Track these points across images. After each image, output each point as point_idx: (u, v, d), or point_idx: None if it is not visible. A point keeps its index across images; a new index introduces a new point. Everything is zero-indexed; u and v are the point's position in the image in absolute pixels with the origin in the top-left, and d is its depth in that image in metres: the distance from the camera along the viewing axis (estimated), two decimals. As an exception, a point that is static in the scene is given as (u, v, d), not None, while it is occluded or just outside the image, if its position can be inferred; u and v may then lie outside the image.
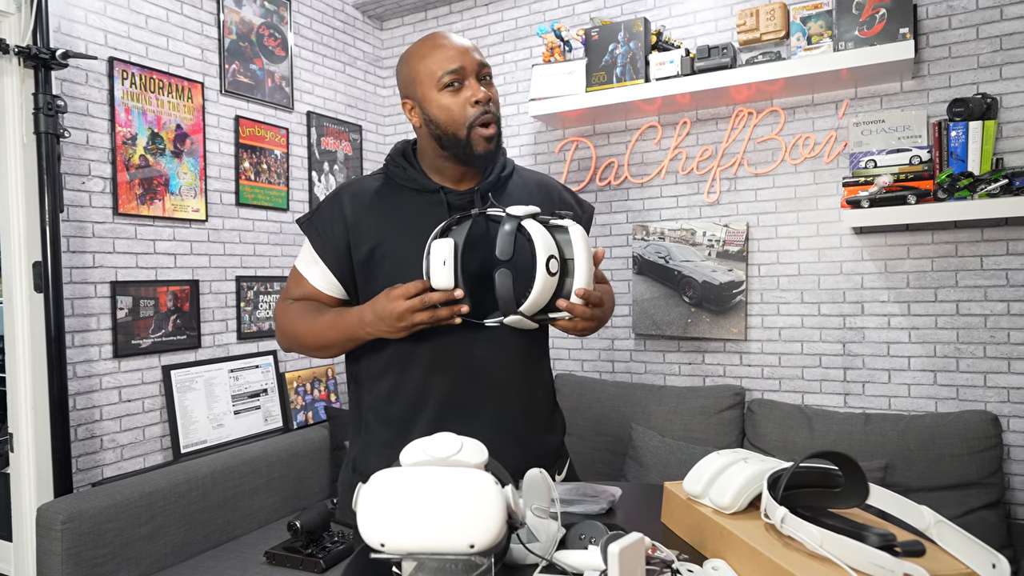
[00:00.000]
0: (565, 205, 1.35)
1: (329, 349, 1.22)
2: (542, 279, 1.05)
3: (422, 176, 1.23)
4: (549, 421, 1.34)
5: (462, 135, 1.16)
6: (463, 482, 0.70)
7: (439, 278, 1.06)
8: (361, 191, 1.24)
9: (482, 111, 1.15)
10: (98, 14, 2.00)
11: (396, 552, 0.69)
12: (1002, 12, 1.99)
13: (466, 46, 1.18)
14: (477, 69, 1.17)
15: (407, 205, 1.22)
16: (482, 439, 0.82)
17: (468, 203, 1.21)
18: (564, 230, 1.10)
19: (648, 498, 1.20)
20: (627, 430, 2.25)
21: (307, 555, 1.85)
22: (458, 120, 1.16)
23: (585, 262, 1.08)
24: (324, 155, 2.77)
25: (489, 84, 1.19)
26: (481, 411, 1.20)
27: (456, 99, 1.15)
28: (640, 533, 0.76)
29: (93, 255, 1.98)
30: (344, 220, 1.21)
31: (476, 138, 1.16)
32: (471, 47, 1.18)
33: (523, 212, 1.10)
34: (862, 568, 0.73)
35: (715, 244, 2.36)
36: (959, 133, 1.92)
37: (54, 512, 1.68)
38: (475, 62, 1.16)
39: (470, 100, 1.15)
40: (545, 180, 1.37)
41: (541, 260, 1.05)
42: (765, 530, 0.87)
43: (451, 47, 1.16)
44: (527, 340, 1.25)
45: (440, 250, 1.06)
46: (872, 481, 1.80)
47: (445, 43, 1.17)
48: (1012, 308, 1.99)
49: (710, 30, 2.39)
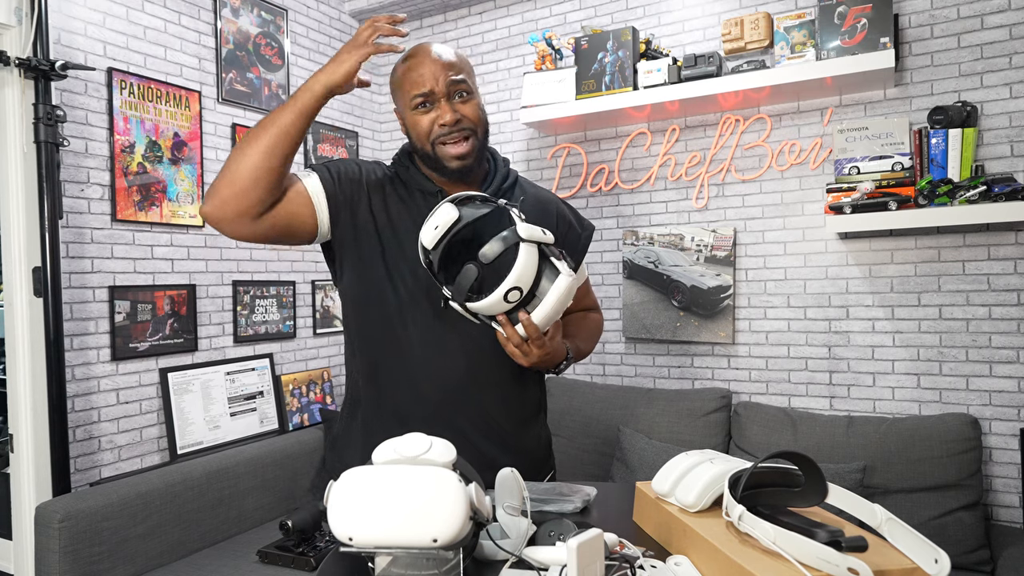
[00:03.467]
0: (564, 223, 1.35)
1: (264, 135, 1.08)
2: (495, 299, 1.07)
3: (423, 178, 1.26)
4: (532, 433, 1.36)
5: (429, 150, 1.21)
6: (428, 479, 0.74)
7: (425, 235, 1.09)
8: (374, 170, 1.28)
9: (447, 131, 1.19)
10: (97, 26, 2.05)
11: (363, 546, 0.73)
12: (983, 21, 2.02)
13: (442, 63, 1.19)
14: (447, 90, 1.18)
15: (408, 200, 1.26)
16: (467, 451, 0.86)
17: None
18: (555, 271, 1.10)
19: (624, 498, 1.23)
20: (615, 432, 2.29)
21: (298, 554, 1.89)
22: (423, 137, 1.20)
23: (550, 309, 1.08)
24: (320, 161, 2.82)
25: (465, 100, 1.21)
26: (467, 428, 1.23)
27: (425, 118, 1.20)
28: (599, 529, 0.79)
29: (92, 260, 2.03)
30: (359, 178, 1.24)
31: (443, 154, 1.20)
32: (446, 64, 1.19)
33: (528, 234, 1.07)
34: (810, 563, 0.77)
35: (703, 249, 2.40)
36: (939, 140, 1.95)
37: (52, 511, 1.72)
38: (445, 83, 1.18)
39: (436, 121, 1.19)
40: (546, 198, 1.38)
41: (504, 286, 1.06)
42: (725, 527, 0.91)
43: (424, 68, 1.18)
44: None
45: (441, 214, 1.08)
46: (851, 483, 1.84)
47: (420, 61, 1.19)
48: (994, 312, 2.02)
49: (698, 39, 2.43)
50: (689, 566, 0.89)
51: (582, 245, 1.38)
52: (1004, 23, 1.99)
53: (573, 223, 1.38)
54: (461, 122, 1.19)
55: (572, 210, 1.42)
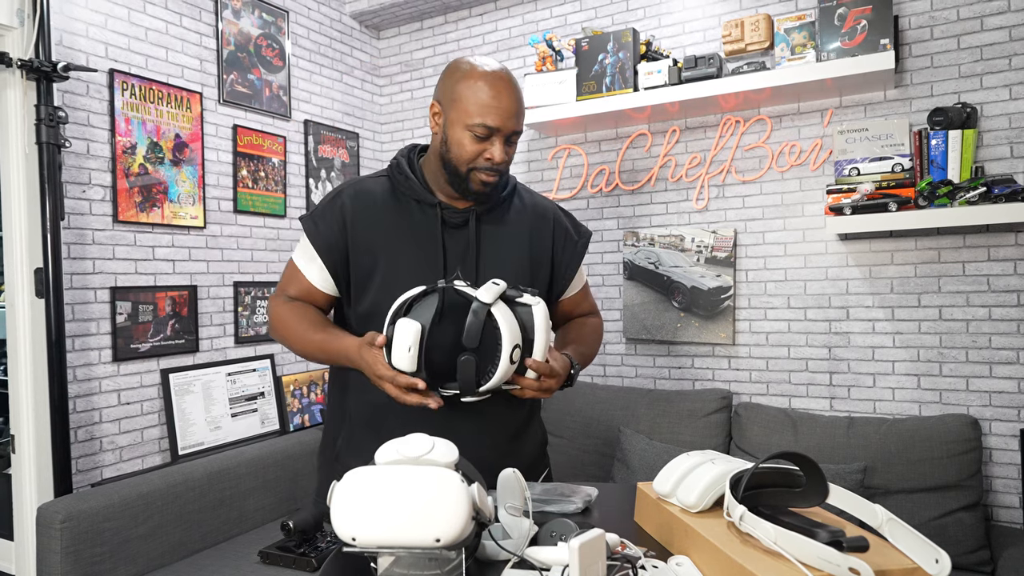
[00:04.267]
0: (561, 230, 1.37)
1: (315, 360, 1.29)
2: (504, 367, 1.07)
3: (423, 189, 1.27)
4: (528, 434, 1.37)
5: (462, 172, 1.21)
6: (431, 480, 0.74)
7: (401, 363, 1.06)
8: (362, 192, 1.28)
9: (489, 166, 1.21)
10: (99, 27, 2.06)
11: (367, 546, 0.73)
12: (982, 23, 2.03)
13: (514, 109, 1.20)
14: (509, 133, 1.21)
15: (405, 214, 1.26)
16: (464, 449, 0.86)
17: (463, 221, 1.26)
18: (528, 308, 1.11)
19: (625, 499, 1.24)
20: (616, 433, 2.29)
21: (300, 554, 1.89)
22: (464, 160, 1.21)
23: (543, 342, 1.11)
24: (321, 162, 2.82)
25: (513, 144, 1.24)
26: (461, 427, 1.24)
27: (474, 146, 1.19)
28: (600, 529, 0.80)
29: (93, 261, 2.03)
30: (343, 220, 1.24)
31: (474, 179, 1.22)
32: (519, 112, 1.21)
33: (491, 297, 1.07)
34: (811, 563, 0.77)
35: (703, 250, 2.40)
36: (939, 142, 1.96)
37: (53, 511, 1.72)
38: (511, 128, 1.20)
39: (484, 154, 1.20)
40: (543, 205, 1.39)
41: (506, 351, 1.06)
42: (727, 528, 0.91)
43: (499, 103, 1.17)
44: None
45: (404, 334, 1.04)
46: (852, 483, 1.84)
47: (497, 95, 1.17)
48: (994, 313, 2.02)
49: (698, 40, 2.44)
50: (691, 566, 0.90)
51: (579, 252, 1.40)
52: (1004, 24, 2.00)
53: (570, 230, 1.40)
54: (503, 163, 1.22)
55: (569, 216, 1.43)
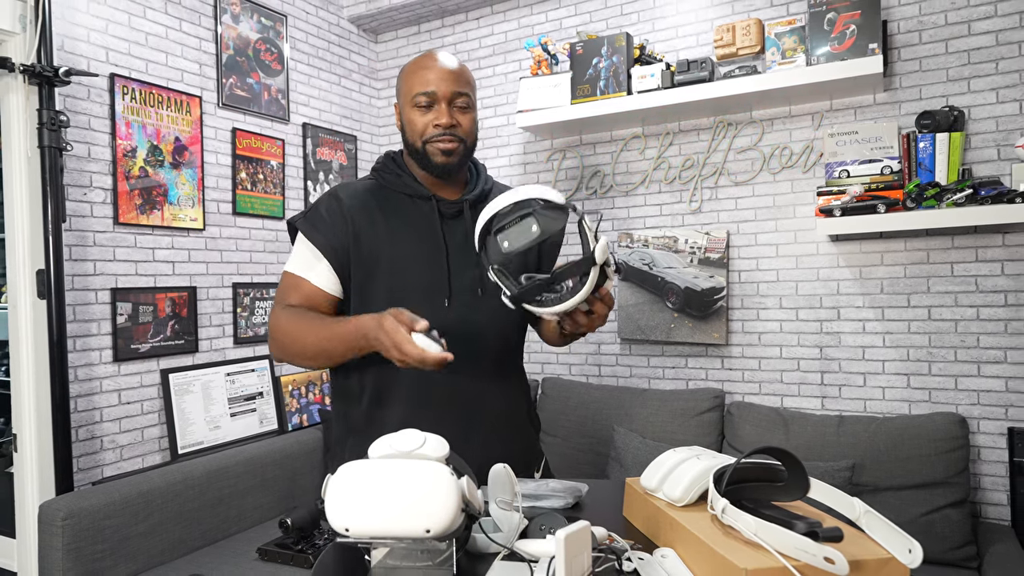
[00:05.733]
0: None
1: (328, 356, 1.20)
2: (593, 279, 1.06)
3: (415, 183, 1.30)
4: (525, 425, 1.41)
5: (419, 147, 1.25)
6: (421, 472, 0.77)
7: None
8: (356, 192, 1.30)
9: (441, 132, 1.23)
10: (100, 32, 2.09)
11: (359, 536, 0.76)
12: (970, 27, 2.06)
13: (448, 70, 1.24)
14: (451, 96, 1.24)
15: (401, 210, 1.29)
16: (459, 444, 0.89)
17: (458, 212, 1.29)
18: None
19: (616, 494, 1.26)
20: (610, 432, 2.32)
21: (298, 551, 1.92)
22: (417, 134, 1.25)
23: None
24: (319, 165, 2.85)
25: (464, 110, 1.26)
26: (465, 426, 1.27)
27: (422, 117, 1.24)
28: (586, 522, 0.83)
29: (94, 263, 2.06)
30: (344, 219, 1.26)
31: (431, 150, 1.25)
32: (454, 72, 1.24)
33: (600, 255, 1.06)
34: (789, 553, 0.80)
35: (697, 251, 2.43)
36: (927, 144, 1.99)
37: (55, 509, 1.75)
38: (450, 90, 1.23)
39: (432, 122, 1.23)
40: None
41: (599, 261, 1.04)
42: (710, 520, 0.94)
43: (433, 71, 1.24)
44: (505, 352, 1.34)
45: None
46: (840, 481, 1.87)
47: (430, 65, 1.25)
48: (981, 313, 2.05)
49: (691, 44, 2.47)
50: (675, 558, 0.93)
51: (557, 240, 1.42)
52: (991, 29, 2.03)
53: None
54: (455, 128, 1.24)
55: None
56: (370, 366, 1.25)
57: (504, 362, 1.34)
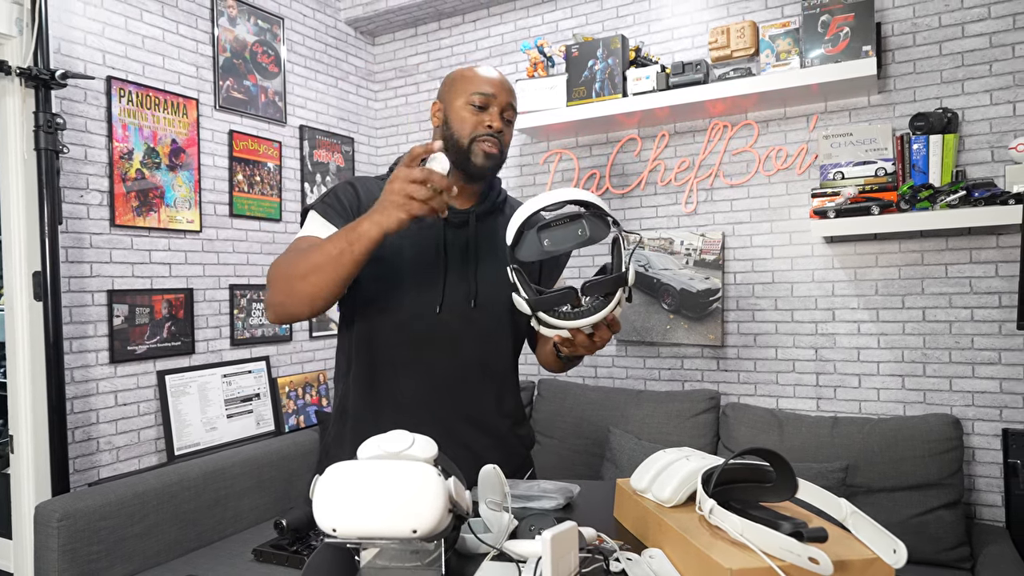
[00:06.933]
0: None
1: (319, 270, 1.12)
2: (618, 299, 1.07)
3: None
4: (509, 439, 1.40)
5: (465, 143, 1.27)
6: (408, 473, 0.78)
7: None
8: (370, 187, 1.32)
9: (489, 133, 1.27)
10: (96, 35, 2.09)
11: (346, 536, 0.77)
12: (963, 30, 2.07)
13: (505, 83, 1.31)
14: (504, 105, 1.29)
15: None
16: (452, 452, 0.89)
17: (464, 221, 1.31)
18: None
19: (608, 495, 1.27)
20: (606, 433, 2.32)
21: (293, 552, 1.92)
22: (466, 130, 1.27)
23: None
24: (316, 167, 2.86)
25: (509, 123, 1.31)
26: (460, 428, 1.28)
27: (474, 116, 1.27)
28: (574, 522, 0.83)
29: (91, 265, 2.07)
30: (358, 201, 1.29)
31: (476, 150, 1.27)
32: (508, 87, 1.31)
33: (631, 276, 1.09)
34: (774, 553, 0.80)
35: (692, 253, 2.44)
36: (921, 146, 1.99)
37: (51, 510, 1.75)
38: (506, 100, 1.29)
39: (483, 122, 1.27)
40: None
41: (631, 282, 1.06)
42: (698, 521, 0.95)
43: (493, 78, 1.30)
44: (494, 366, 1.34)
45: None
46: (834, 482, 1.87)
47: (490, 73, 1.31)
48: (976, 315, 2.06)
49: (687, 46, 2.48)
50: (662, 558, 0.93)
51: (563, 261, 1.46)
52: (984, 31, 2.04)
53: None
54: (502, 134, 1.29)
55: None
56: (364, 370, 1.27)
57: (491, 376, 1.33)
